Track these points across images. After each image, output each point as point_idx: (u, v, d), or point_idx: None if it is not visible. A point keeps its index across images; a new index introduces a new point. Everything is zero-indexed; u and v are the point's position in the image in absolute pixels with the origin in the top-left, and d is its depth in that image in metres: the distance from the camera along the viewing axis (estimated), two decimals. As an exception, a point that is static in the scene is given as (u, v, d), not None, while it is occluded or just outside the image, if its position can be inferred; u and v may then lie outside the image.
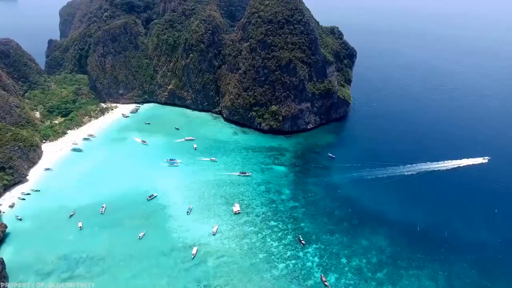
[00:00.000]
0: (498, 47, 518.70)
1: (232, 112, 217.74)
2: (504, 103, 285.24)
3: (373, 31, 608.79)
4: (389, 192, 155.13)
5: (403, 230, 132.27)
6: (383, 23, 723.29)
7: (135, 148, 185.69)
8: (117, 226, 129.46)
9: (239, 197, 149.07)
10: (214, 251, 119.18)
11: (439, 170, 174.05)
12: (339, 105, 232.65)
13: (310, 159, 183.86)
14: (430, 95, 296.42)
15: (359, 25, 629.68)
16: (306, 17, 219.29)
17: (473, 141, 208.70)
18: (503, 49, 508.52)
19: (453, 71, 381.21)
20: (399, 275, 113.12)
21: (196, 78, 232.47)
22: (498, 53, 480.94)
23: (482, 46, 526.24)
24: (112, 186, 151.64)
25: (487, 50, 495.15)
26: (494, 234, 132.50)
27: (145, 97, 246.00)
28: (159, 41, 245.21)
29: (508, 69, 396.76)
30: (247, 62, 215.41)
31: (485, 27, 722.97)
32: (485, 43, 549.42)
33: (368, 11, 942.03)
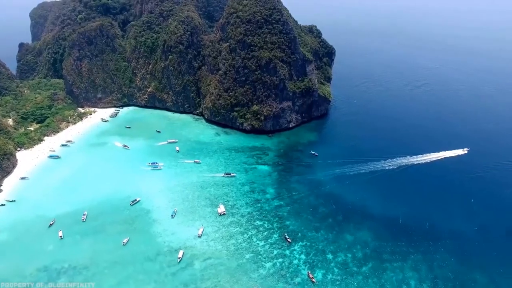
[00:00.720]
0: (472, 44, 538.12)
1: (214, 113, 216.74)
2: (478, 96, 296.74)
3: (351, 30, 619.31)
4: (371, 187, 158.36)
5: (386, 224, 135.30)
6: (360, 22, 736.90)
7: (116, 153, 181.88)
8: (100, 233, 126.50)
9: (224, 198, 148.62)
10: (200, 254, 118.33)
11: (420, 163, 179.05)
12: (320, 103, 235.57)
13: (293, 158, 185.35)
14: (408, 91, 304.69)
15: (337, 23, 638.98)
16: (285, 17, 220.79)
17: (452, 134, 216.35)
18: (477, 46, 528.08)
19: (429, 67, 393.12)
20: (383, 267, 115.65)
21: (176, 80, 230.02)
22: (473, 49, 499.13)
23: (458, 43, 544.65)
24: (93, 192, 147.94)
25: (462, 47, 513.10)
26: (471, 222, 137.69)
27: (125, 101, 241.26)
28: (137, 43, 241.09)
29: (481, 64, 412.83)
30: (227, 62, 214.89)
31: (461, 25, 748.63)
32: (460, 40, 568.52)
33: (346, 10, 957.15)
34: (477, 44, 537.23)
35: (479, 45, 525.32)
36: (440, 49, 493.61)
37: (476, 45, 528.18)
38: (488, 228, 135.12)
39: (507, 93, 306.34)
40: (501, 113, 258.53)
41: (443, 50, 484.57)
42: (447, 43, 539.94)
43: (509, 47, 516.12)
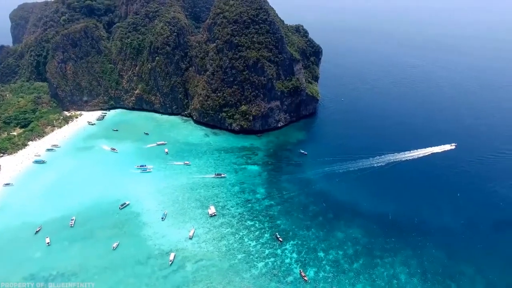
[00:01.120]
0: (456, 42, 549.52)
1: (202, 114, 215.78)
2: (462, 92, 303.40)
3: (337, 29, 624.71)
4: (361, 184, 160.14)
5: (376, 220, 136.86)
6: (348, 22, 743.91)
7: (103, 156, 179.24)
8: (89, 238, 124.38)
9: (214, 199, 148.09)
10: (191, 256, 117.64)
11: (408, 159, 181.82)
12: (308, 102, 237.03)
13: (283, 157, 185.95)
14: (395, 88, 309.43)
15: (324, 23, 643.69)
16: (271, 16, 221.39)
17: (440, 129, 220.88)
18: (460, 43, 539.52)
19: (415, 64, 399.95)
20: (374, 263, 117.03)
21: (164, 82, 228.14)
22: (456, 47, 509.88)
23: (441, 41, 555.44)
24: (81, 197, 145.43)
25: (446, 45, 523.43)
26: (458, 216, 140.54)
27: (111, 103, 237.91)
28: (123, 45, 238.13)
29: (464, 61, 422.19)
30: (214, 63, 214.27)
31: (445, 24, 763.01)
32: (444, 38, 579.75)
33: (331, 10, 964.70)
34: (460, 42, 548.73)
35: (462, 43, 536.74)
36: (425, 47, 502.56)
37: (459, 43, 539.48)
38: (474, 221, 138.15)
39: (489, 89, 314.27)
40: (484, 108, 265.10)
41: (428, 48, 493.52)
42: (432, 41, 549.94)
43: (490, 45, 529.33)
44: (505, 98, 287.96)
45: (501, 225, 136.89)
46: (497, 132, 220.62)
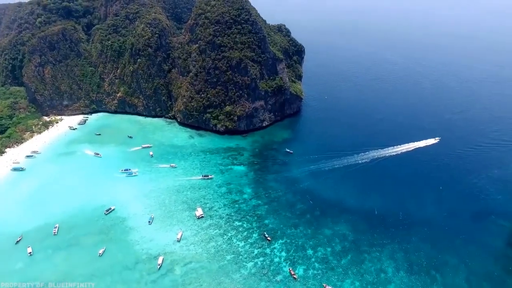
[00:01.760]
0: (431, 40, 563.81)
1: (186, 115, 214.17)
2: (441, 87, 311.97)
3: (318, 28, 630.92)
4: (346, 181, 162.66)
5: (362, 216, 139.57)
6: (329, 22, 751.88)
7: (87, 161, 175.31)
8: (74, 246, 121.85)
9: (201, 200, 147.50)
10: (180, 259, 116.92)
11: (392, 155, 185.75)
12: (292, 101, 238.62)
13: (269, 156, 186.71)
14: (376, 85, 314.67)
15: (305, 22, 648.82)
16: (253, 16, 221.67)
17: (424, 124, 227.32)
18: (435, 40, 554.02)
19: (394, 62, 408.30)
20: (362, 258, 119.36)
21: (146, 84, 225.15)
22: (431, 44, 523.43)
23: (418, 38, 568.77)
24: (64, 204, 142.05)
25: (422, 43, 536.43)
26: (440, 209, 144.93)
27: (93, 107, 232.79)
28: (103, 47, 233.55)
29: (439, 57, 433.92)
30: (197, 64, 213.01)
31: (421, 22, 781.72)
32: (420, 36, 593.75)
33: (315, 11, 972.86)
34: (435, 39, 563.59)
35: (437, 41, 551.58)
36: (403, 45, 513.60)
37: (434, 40, 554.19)
38: (456, 213, 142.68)
39: (465, 84, 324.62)
40: (462, 103, 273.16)
41: (406, 46, 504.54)
42: (409, 39, 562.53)
43: (463, 42, 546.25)
44: (480, 93, 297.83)
45: (480, 215, 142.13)
46: (474, 126, 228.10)
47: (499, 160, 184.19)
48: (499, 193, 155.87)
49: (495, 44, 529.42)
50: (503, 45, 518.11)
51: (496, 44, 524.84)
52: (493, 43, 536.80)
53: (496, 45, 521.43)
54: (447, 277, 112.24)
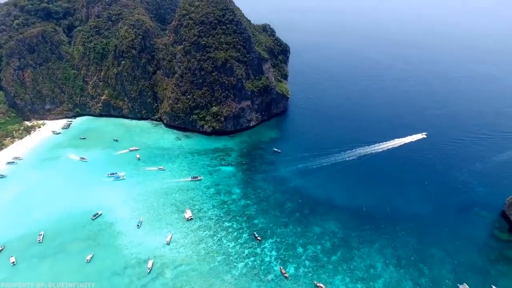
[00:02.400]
0: (412, 38, 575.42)
1: (173, 117, 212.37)
2: (424, 84, 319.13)
3: (302, 28, 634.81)
4: (335, 179, 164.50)
5: (351, 213, 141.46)
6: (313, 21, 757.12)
7: (72, 166, 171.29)
8: (60, 253, 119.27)
9: (190, 202, 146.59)
10: (170, 262, 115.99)
11: (379, 152, 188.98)
12: (278, 100, 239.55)
13: (256, 156, 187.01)
14: (361, 83, 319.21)
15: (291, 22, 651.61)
16: (238, 16, 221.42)
17: (410, 120, 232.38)
18: (418, 39, 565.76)
19: (378, 59, 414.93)
20: (352, 255, 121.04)
21: (131, 86, 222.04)
22: (413, 41, 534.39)
23: (400, 36, 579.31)
24: (49, 210, 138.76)
25: (404, 40, 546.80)
26: (426, 203, 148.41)
27: (77, 111, 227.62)
28: (86, 49, 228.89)
29: (421, 55, 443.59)
30: (182, 65, 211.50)
31: (402, 21, 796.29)
32: (402, 34, 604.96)
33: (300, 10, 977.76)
34: (416, 37, 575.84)
35: (418, 39, 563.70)
36: (385, 43, 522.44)
37: (415, 38, 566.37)
38: (441, 206, 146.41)
39: (445, 80, 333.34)
40: (444, 99, 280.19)
41: (388, 44, 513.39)
42: (392, 37, 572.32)
43: (442, 40, 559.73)
44: (459, 90, 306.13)
45: (463, 208, 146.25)
46: (455, 121, 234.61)
47: (479, 153, 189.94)
48: (481, 186, 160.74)
49: (475, 42, 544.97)
50: (482, 43, 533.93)
51: (476, 42, 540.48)
52: (472, 41, 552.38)
53: (476, 43, 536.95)
54: (434, 270, 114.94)
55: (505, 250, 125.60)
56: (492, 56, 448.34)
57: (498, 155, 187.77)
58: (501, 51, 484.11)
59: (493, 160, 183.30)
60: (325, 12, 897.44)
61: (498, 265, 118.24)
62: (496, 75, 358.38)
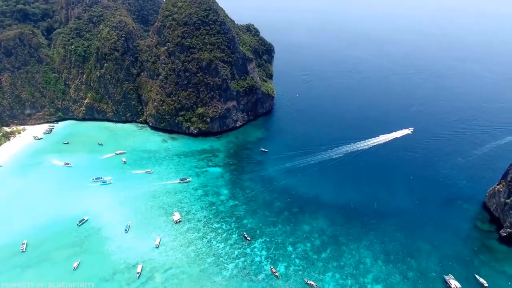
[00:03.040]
0: (390, 34, 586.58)
1: (158, 119, 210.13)
2: (404, 79, 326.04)
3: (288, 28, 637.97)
4: (322, 176, 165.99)
5: (339, 210, 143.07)
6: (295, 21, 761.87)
7: (55, 172, 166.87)
8: (45, 262, 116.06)
9: (178, 205, 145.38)
10: (160, 265, 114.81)
11: (365, 148, 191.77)
12: (264, 100, 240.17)
13: (244, 156, 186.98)
14: (345, 80, 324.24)
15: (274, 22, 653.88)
16: (221, 17, 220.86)
17: (394, 117, 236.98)
18: (395, 36, 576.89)
19: (359, 57, 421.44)
20: (341, 251, 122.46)
21: (115, 89, 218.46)
22: (396, 39, 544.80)
23: (383, 35, 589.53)
24: (32, 218, 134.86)
25: (387, 38, 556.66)
26: (412, 197, 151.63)
27: (59, 115, 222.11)
28: (67, 52, 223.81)
29: (402, 51, 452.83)
30: (166, 66, 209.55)
31: (381, 18, 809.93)
32: (385, 32, 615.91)
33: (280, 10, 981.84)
34: (394, 34, 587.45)
35: (396, 36, 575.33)
36: (365, 40, 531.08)
37: (393, 35, 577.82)
38: (426, 200, 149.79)
39: (425, 75, 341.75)
40: (426, 94, 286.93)
41: (368, 41, 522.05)
42: (376, 36, 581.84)
43: (426, 38, 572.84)
44: (440, 86, 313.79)
45: (448, 201, 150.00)
46: (438, 116, 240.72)
47: (461, 148, 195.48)
48: (463, 179, 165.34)
49: (455, 39, 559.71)
50: (462, 41, 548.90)
51: (456, 40, 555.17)
52: (453, 38, 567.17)
53: (456, 40, 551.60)
54: (422, 263, 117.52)
55: (487, 240, 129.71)
56: (471, 53, 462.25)
57: (478, 149, 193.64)
58: (479, 48, 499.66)
59: (474, 153, 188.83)
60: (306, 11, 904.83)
61: (480, 255, 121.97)
62: (475, 71, 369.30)
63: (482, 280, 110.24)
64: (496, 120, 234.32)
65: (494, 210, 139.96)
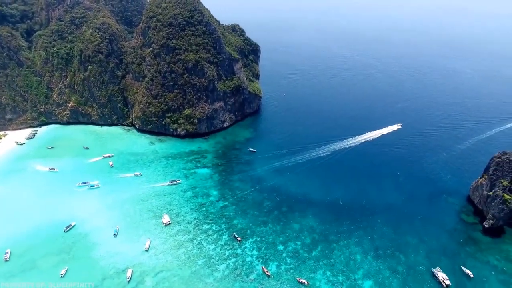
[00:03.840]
0: (375, 34, 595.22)
1: (145, 121, 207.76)
2: (389, 77, 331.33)
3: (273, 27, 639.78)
4: (311, 175, 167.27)
5: (328, 207, 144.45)
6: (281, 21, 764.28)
7: (40, 178, 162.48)
8: (30, 270, 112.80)
9: (167, 207, 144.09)
10: (150, 269, 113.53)
11: (352, 146, 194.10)
12: (251, 100, 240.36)
13: (232, 157, 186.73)
14: (332, 78, 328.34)
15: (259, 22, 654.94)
16: (206, 17, 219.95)
17: (382, 114, 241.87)
18: (380, 35, 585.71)
19: (345, 55, 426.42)
20: (331, 248, 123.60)
21: (100, 92, 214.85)
22: (375, 38, 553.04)
23: (368, 34, 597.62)
24: (16, 225, 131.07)
25: (367, 36, 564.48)
26: (399, 193, 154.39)
27: (42, 119, 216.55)
28: (48, 54, 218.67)
29: (388, 51, 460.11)
30: (152, 68, 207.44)
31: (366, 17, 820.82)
32: (365, 30, 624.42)
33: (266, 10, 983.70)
34: (378, 33, 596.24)
35: (381, 35, 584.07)
36: (350, 39, 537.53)
37: (378, 34, 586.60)
38: (413, 195, 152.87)
39: (409, 73, 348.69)
40: (411, 91, 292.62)
41: (352, 40, 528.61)
42: (361, 33, 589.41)
43: (409, 36, 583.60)
44: (425, 83, 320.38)
45: (433, 196, 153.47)
46: (422, 113, 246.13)
47: (445, 143, 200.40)
48: (448, 174, 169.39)
49: (439, 37, 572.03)
50: (447, 39, 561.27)
51: (440, 38, 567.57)
52: (437, 37, 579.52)
53: (440, 38, 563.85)
54: (410, 257, 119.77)
55: (471, 232, 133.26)
56: (452, 51, 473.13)
57: (461, 143, 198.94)
58: (460, 45, 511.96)
59: (457, 148, 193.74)
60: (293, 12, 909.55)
61: (466, 247, 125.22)
62: (456, 68, 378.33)
63: (468, 271, 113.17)
64: (477, 115, 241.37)
65: (478, 202, 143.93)
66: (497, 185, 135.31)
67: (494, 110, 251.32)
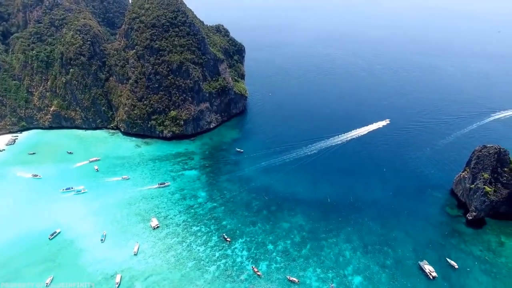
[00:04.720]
0: (357, 32, 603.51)
1: (130, 124, 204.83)
2: (373, 74, 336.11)
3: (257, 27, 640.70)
4: (298, 173, 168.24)
5: (317, 205, 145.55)
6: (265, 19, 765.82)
7: (22, 185, 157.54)
8: (13, 280, 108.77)
9: (155, 210, 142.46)
10: (139, 274, 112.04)
11: (339, 144, 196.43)
12: (237, 100, 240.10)
13: (219, 157, 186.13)
14: (317, 77, 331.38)
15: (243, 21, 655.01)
16: (190, 18, 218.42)
17: (369, 110, 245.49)
18: (362, 33, 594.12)
19: (328, 54, 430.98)
20: (321, 246, 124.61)
21: (83, 95, 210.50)
22: (357, 36, 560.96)
23: (352, 33, 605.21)
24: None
25: (357, 36, 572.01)
26: (385, 189, 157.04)
27: (23, 124, 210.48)
28: (27, 57, 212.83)
29: (371, 49, 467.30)
30: (136, 70, 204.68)
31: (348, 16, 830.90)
32: (357, 31, 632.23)
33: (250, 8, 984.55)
34: (361, 32, 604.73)
35: (363, 33, 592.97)
36: (333, 38, 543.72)
37: (360, 32, 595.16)
38: (399, 190, 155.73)
39: (394, 72, 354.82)
40: (393, 88, 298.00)
41: (336, 39, 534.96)
42: (344, 32, 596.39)
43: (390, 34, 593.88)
44: (408, 80, 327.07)
45: (419, 190, 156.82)
46: (406, 110, 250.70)
47: (428, 138, 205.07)
48: (432, 168, 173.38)
49: (419, 36, 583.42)
50: (427, 37, 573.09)
51: (420, 36, 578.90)
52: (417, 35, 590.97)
53: (420, 36, 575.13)
54: (398, 251, 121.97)
55: (455, 224, 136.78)
56: (434, 49, 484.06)
57: (445, 138, 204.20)
58: (441, 43, 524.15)
59: (440, 143, 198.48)
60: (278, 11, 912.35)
61: (451, 239, 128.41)
62: (438, 65, 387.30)
63: (453, 262, 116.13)
64: (457, 111, 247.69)
65: (461, 195, 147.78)
66: (479, 178, 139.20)
67: (474, 106, 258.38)
